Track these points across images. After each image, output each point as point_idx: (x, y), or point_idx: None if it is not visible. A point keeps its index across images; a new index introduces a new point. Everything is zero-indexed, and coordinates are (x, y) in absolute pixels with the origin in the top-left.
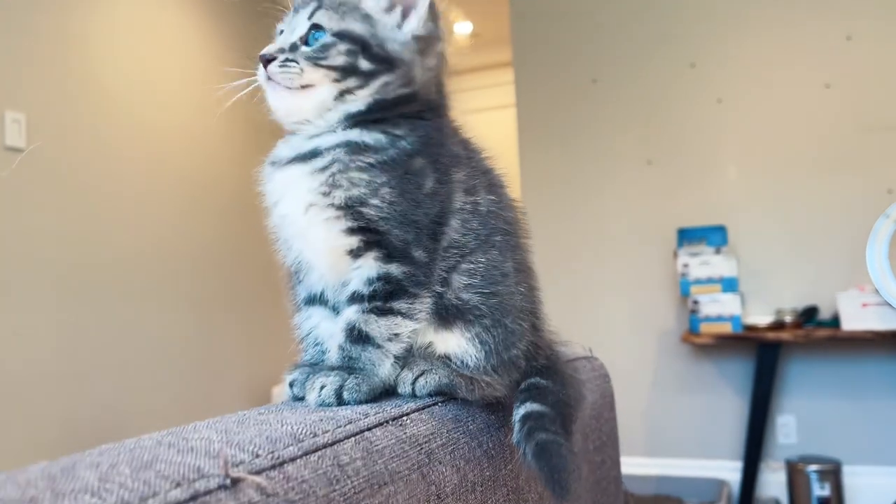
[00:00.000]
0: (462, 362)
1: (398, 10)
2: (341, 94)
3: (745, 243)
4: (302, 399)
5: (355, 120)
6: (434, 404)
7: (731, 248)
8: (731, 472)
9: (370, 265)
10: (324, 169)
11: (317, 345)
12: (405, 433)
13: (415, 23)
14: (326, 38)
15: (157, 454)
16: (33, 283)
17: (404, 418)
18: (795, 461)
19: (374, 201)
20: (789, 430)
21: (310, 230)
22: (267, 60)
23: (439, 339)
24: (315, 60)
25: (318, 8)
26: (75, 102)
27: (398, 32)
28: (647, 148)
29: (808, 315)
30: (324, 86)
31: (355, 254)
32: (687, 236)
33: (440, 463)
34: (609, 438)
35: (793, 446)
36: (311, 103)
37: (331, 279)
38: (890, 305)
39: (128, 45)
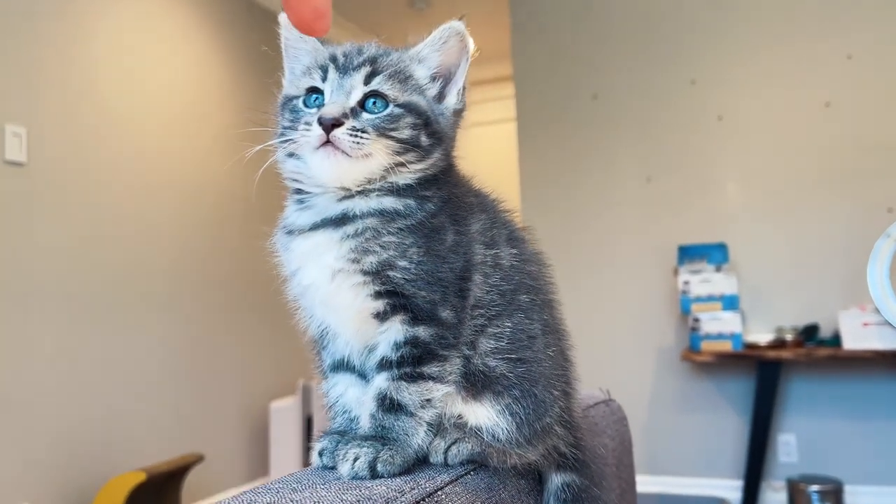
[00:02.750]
0: (493, 436)
1: (438, 84)
2: (396, 166)
3: (746, 261)
4: (332, 468)
5: (397, 189)
6: (466, 473)
7: (732, 265)
8: (731, 490)
9: (397, 329)
10: (356, 235)
11: (345, 412)
12: None
13: (454, 98)
14: (393, 110)
15: None
16: (32, 296)
17: (439, 493)
18: (796, 480)
19: (402, 263)
20: (790, 449)
21: (336, 297)
22: (332, 125)
23: (469, 411)
24: (384, 131)
25: (376, 73)
26: (76, 117)
27: (442, 107)
28: (648, 164)
29: (809, 333)
30: (381, 156)
31: (381, 317)
32: (688, 254)
33: None
34: (628, 485)
35: (794, 465)
36: (364, 172)
37: (357, 345)
38: (891, 325)
39: (129, 59)
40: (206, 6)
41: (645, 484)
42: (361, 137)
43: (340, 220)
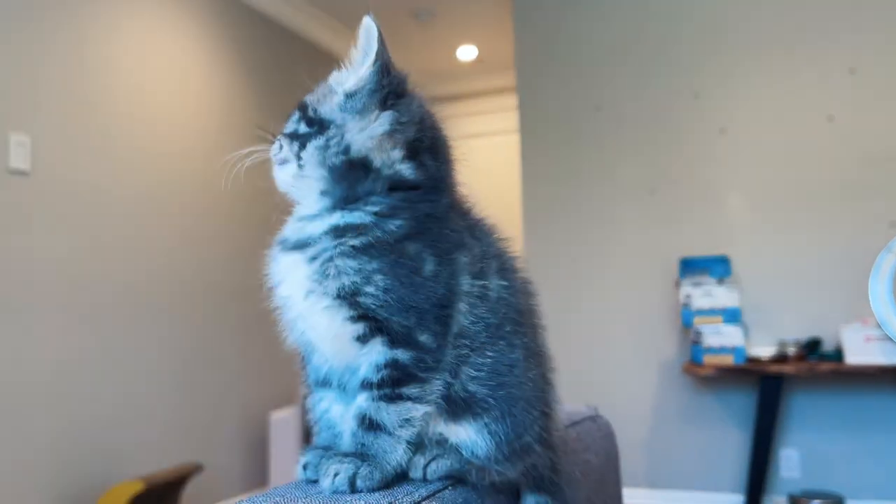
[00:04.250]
0: (472, 453)
1: (348, 69)
2: (299, 162)
3: (748, 274)
4: (315, 482)
5: (334, 200)
6: (444, 488)
7: (735, 278)
8: None
9: (378, 350)
10: (314, 258)
11: (330, 427)
12: None
13: (351, 81)
14: (295, 113)
15: None
16: (34, 304)
17: None
18: (798, 495)
19: (369, 289)
20: (792, 464)
21: (311, 316)
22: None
23: (450, 431)
24: (288, 138)
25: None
26: (80, 125)
27: (338, 94)
28: (650, 177)
29: (812, 347)
30: (290, 158)
31: (362, 340)
32: (689, 266)
33: None
34: (613, 499)
35: (796, 480)
36: (287, 174)
37: (336, 364)
38: (893, 341)
39: (133, 68)
40: (209, 14)
41: (644, 498)
42: (276, 142)
43: (305, 243)
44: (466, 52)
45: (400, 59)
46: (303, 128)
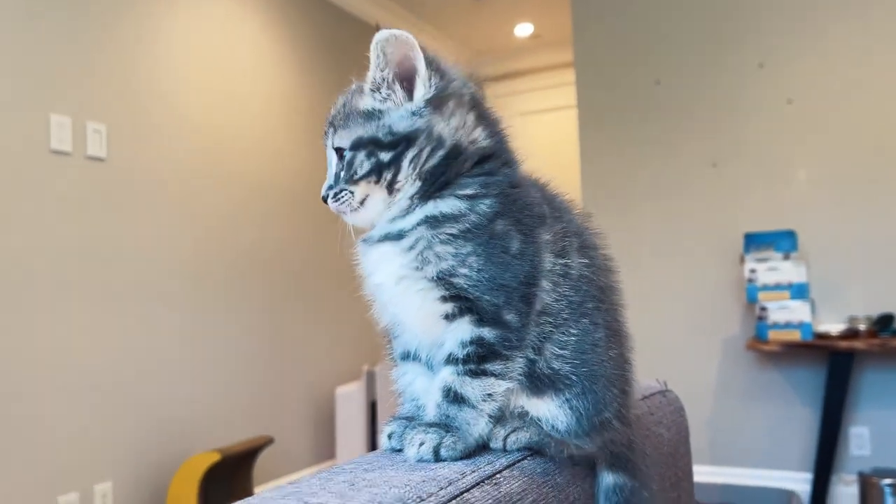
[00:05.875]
0: (552, 427)
1: (398, 88)
2: (391, 189)
3: (816, 249)
4: (399, 451)
5: (424, 194)
6: (523, 458)
7: (801, 253)
8: (800, 483)
9: (464, 328)
10: (411, 248)
11: (413, 399)
12: (500, 492)
13: (422, 89)
14: (347, 156)
15: None
16: (114, 286)
17: (497, 476)
18: (869, 474)
19: (463, 271)
20: (863, 442)
21: (403, 299)
22: (325, 200)
23: (531, 405)
24: (351, 182)
25: (335, 132)
26: (153, 113)
27: (407, 107)
28: (713, 150)
29: (884, 323)
30: (374, 192)
31: (450, 318)
32: (754, 241)
33: None
34: (684, 473)
35: (866, 459)
36: (375, 210)
37: (424, 340)
38: None
39: (203, 58)
40: (279, 4)
41: (708, 475)
42: (342, 196)
43: (398, 236)
44: (523, 29)
45: (457, 38)
46: (385, 156)
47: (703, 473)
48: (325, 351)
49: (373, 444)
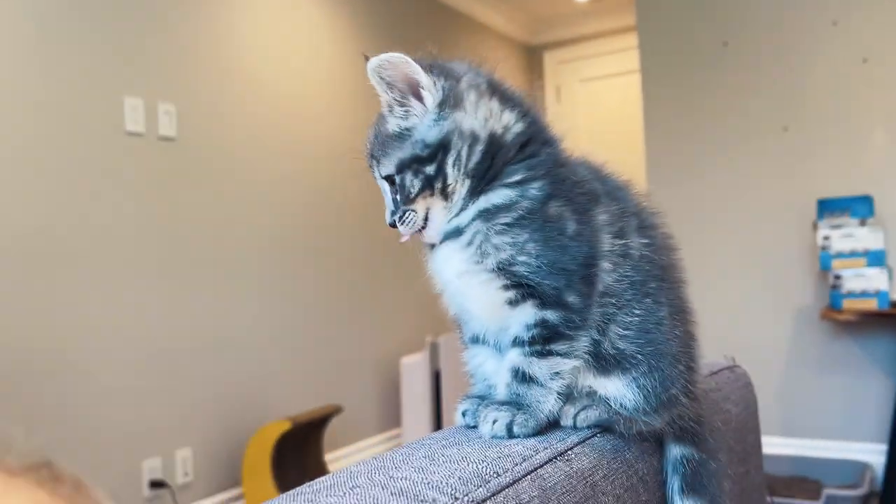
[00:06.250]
0: (620, 405)
1: (414, 102)
2: (446, 195)
3: (894, 214)
4: (472, 427)
5: (474, 190)
6: (594, 435)
7: (878, 219)
8: (874, 454)
9: (528, 312)
10: (470, 243)
11: (484, 380)
12: (571, 468)
13: (431, 99)
14: (397, 181)
15: (375, 497)
16: (187, 261)
17: (569, 452)
18: None
19: (522, 258)
20: None
21: (468, 290)
22: (393, 226)
23: (598, 384)
24: (409, 202)
25: (378, 163)
26: (221, 94)
27: (429, 117)
28: (783, 113)
29: None
30: (433, 204)
31: (513, 304)
32: (828, 207)
33: (603, 494)
34: (753, 448)
35: None
36: (439, 219)
37: (491, 326)
38: None
39: (270, 38)
40: None
41: (780, 446)
42: (406, 218)
43: (456, 233)
44: None
45: (517, 5)
46: (430, 168)
47: (775, 445)
48: (391, 323)
49: (437, 414)
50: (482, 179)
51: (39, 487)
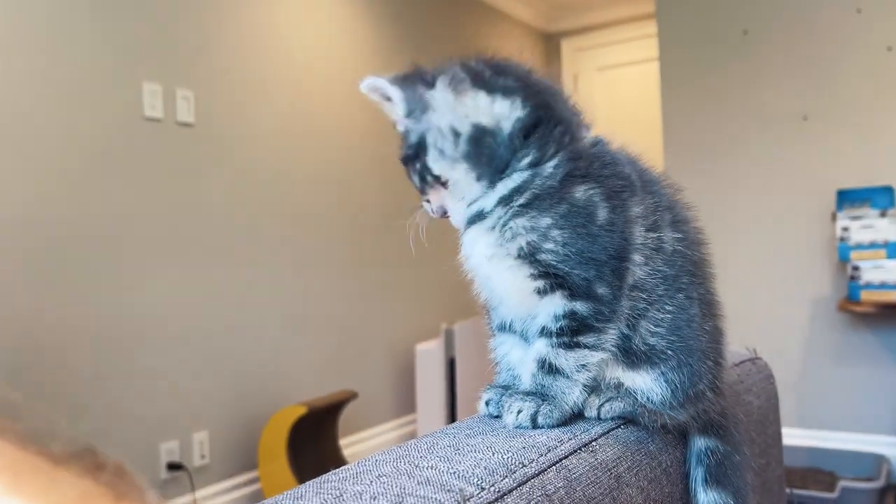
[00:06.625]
0: (647, 398)
1: (395, 109)
2: (444, 185)
3: None
4: (496, 417)
5: (482, 176)
6: (617, 427)
7: None
8: (891, 447)
9: (556, 303)
10: (493, 227)
11: (509, 369)
12: (596, 459)
13: (400, 109)
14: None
15: (402, 486)
16: (202, 246)
17: (594, 443)
18: None
19: (548, 245)
20: None
21: (496, 275)
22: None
23: (626, 377)
24: (422, 193)
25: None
26: (238, 80)
27: (404, 122)
28: (803, 102)
29: None
30: (434, 195)
31: (541, 293)
32: (848, 198)
33: (627, 485)
34: (773, 440)
35: None
36: (452, 208)
37: (518, 313)
38: None
39: (287, 24)
40: None
41: (797, 437)
42: (425, 208)
43: (479, 216)
44: None
45: None
46: (418, 165)
47: (792, 436)
48: (406, 309)
49: (451, 400)
50: (488, 166)
51: (83, 477)
